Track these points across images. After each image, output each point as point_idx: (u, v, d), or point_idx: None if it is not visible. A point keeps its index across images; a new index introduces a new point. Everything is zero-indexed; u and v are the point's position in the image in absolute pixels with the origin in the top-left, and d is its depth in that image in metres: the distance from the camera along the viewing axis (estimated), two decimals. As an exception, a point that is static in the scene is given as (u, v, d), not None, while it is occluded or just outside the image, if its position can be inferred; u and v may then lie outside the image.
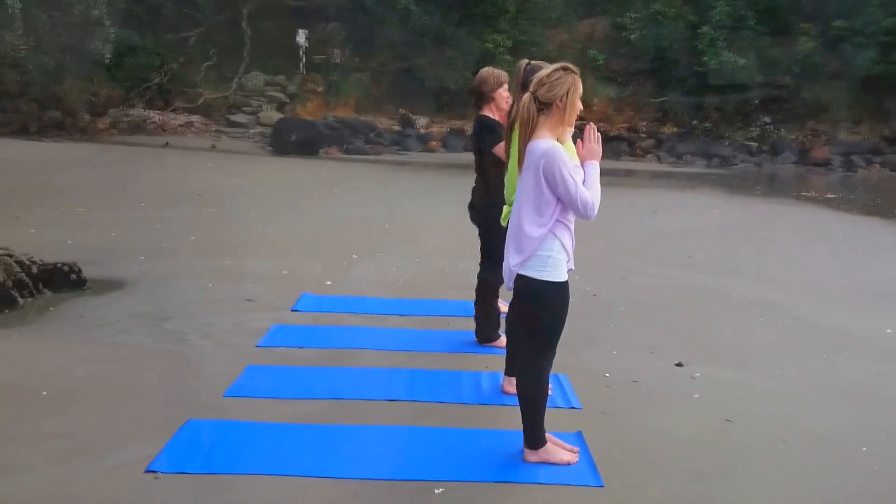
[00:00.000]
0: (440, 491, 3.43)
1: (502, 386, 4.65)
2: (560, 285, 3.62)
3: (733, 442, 4.10)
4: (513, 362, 4.49)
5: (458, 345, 5.54)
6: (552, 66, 3.72)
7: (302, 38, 27.70)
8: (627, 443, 4.04)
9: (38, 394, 4.31)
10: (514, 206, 3.77)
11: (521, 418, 3.76)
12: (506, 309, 6.41)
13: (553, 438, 3.84)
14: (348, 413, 4.24)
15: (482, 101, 5.35)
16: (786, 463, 3.88)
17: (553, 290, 3.60)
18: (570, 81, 3.65)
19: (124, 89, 25.22)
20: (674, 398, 4.69)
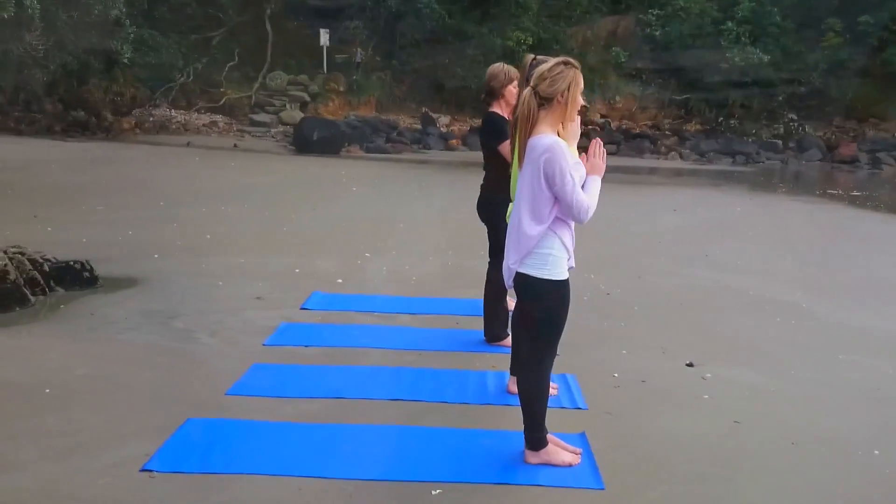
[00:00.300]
0: (437, 492, 3.38)
1: (508, 386, 4.59)
2: (560, 283, 3.55)
3: (740, 444, 4.01)
4: (517, 361, 4.43)
5: (466, 344, 5.49)
6: (553, 61, 3.65)
7: (324, 37, 27.77)
8: (632, 444, 3.97)
9: (40, 391, 4.31)
10: (514, 202, 3.70)
11: (523, 419, 3.70)
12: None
13: (555, 440, 3.77)
14: (350, 412, 4.20)
15: (492, 97, 5.30)
16: (793, 466, 3.79)
17: (553, 289, 3.54)
18: (571, 76, 3.58)
19: (148, 89, 25.44)
20: (682, 399, 4.61)
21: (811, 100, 26.94)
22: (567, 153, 3.50)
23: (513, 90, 5.16)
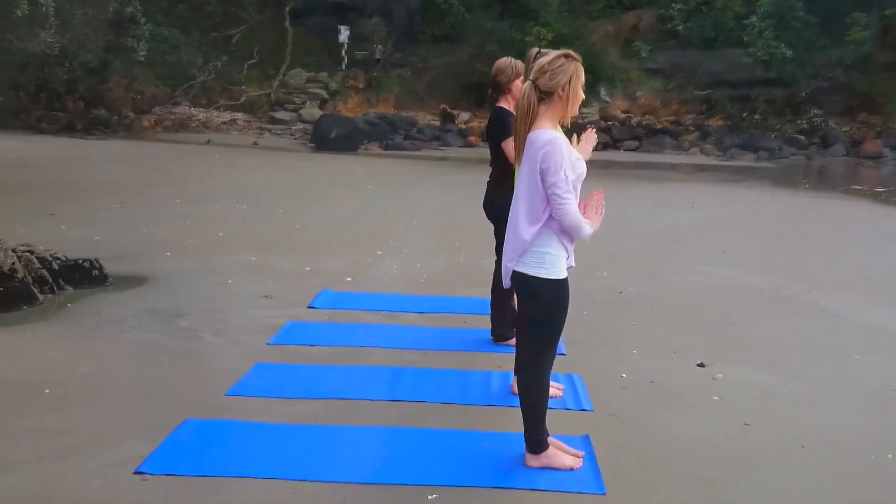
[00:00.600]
0: (433, 497, 3.31)
1: (511, 386, 4.50)
2: (558, 283, 3.46)
3: (749, 447, 3.90)
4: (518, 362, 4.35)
5: (472, 343, 5.42)
6: (553, 53, 3.56)
7: (344, 34, 27.77)
8: (637, 447, 3.87)
9: (40, 391, 4.28)
10: (512, 200, 3.62)
11: (523, 421, 3.62)
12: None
13: (556, 442, 3.69)
14: (350, 413, 4.14)
15: (499, 92, 5.22)
16: (803, 470, 3.68)
17: (551, 288, 3.44)
18: (573, 69, 3.49)
19: (169, 87, 25.55)
20: (691, 400, 4.50)
21: (835, 95, 26.54)
22: (567, 149, 3.41)
23: (520, 84, 5.05)
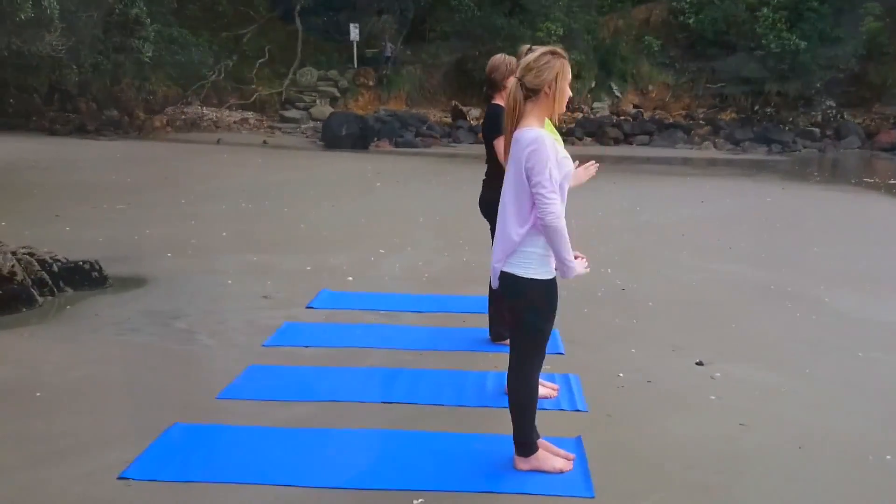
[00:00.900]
0: (419, 501, 3.26)
1: (506, 387, 4.45)
2: (546, 283, 3.40)
3: (745, 448, 3.83)
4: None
5: (470, 343, 5.37)
6: (540, 50, 3.50)
7: (354, 32, 27.76)
8: (630, 449, 3.81)
9: (31, 394, 4.27)
10: (501, 199, 3.56)
11: (512, 424, 3.56)
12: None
13: (547, 445, 3.64)
14: (342, 417, 4.10)
15: (494, 89, 5.15)
16: (799, 473, 3.61)
17: (539, 289, 3.39)
18: (559, 66, 3.43)
19: (180, 87, 25.63)
20: (688, 400, 4.44)
21: (850, 86, 26.32)
22: (553, 147, 3.35)
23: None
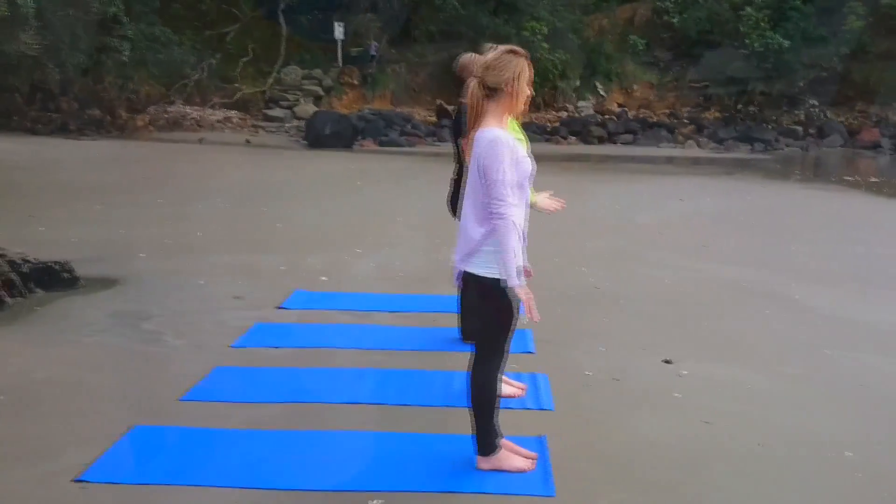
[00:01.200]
0: (375, 502, 3.25)
1: (472, 387, 4.44)
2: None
3: (707, 447, 3.84)
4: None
5: (441, 342, 5.36)
6: (499, 49, 3.50)
7: (339, 30, 27.70)
8: (593, 447, 3.82)
9: (-7, 397, 4.24)
10: (463, 199, 3.56)
11: (473, 423, 3.55)
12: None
13: (509, 444, 3.63)
14: (306, 418, 4.08)
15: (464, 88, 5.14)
16: (758, 470, 3.61)
17: (500, 288, 3.38)
18: (519, 65, 3.44)
19: (163, 86, 25.52)
20: (654, 398, 4.44)
21: (832, 85, 26.45)
22: (511, 147, 3.35)
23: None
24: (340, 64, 28.35)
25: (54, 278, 6.56)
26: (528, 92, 3.51)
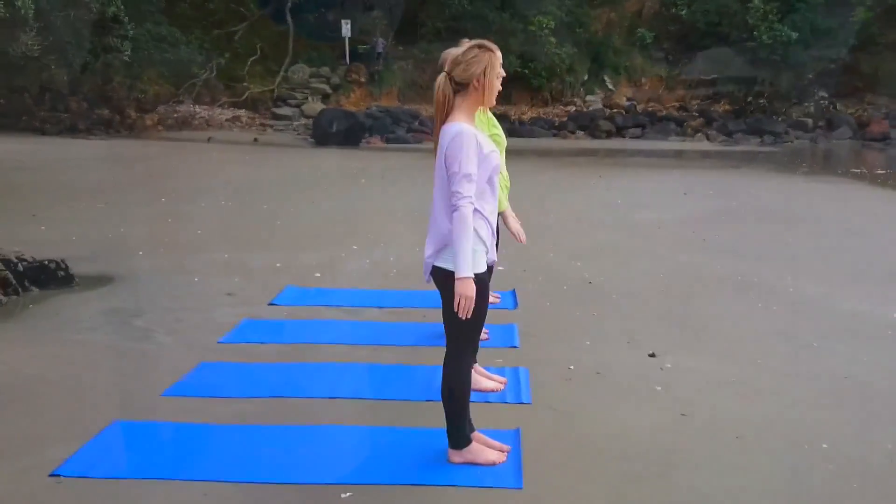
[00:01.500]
0: (347, 495, 3.28)
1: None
2: (476, 277, 3.41)
3: (682, 440, 3.85)
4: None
5: (427, 338, 5.38)
6: (467, 44, 3.52)
7: (346, 28, 27.72)
8: (568, 440, 3.83)
9: (-21, 394, 4.29)
10: (433, 193, 3.58)
11: (445, 417, 3.58)
12: (492, 299, 6.26)
13: (481, 437, 3.65)
14: (286, 413, 4.11)
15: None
16: (732, 463, 3.62)
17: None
18: (487, 59, 3.46)
19: (172, 86, 25.64)
20: (634, 392, 4.45)
21: (841, 77, 26.26)
22: (476, 141, 3.36)
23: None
24: (348, 61, 28.39)
25: (49, 276, 6.63)
26: (497, 87, 3.53)
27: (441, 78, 3.50)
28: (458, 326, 3.48)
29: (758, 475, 3.50)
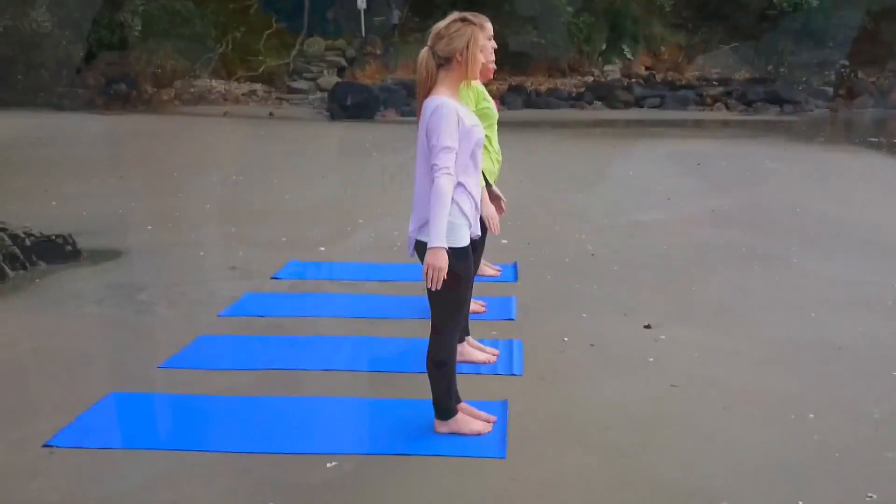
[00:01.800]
0: (332, 464, 3.33)
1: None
2: (459, 252, 3.44)
3: (668, 410, 3.87)
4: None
5: (425, 311, 5.31)
6: (449, 18, 3.53)
7: (361, 1, 27.55)
8: (554, 411, 3.86)
9: (-21, 366, 4.38)
10: (416, 168, 3.60)
11: (430, 388, 3.62)
12: (492, 272, 6.28)
13: (467, 408, 3.69)
14: (279, 385, 4.17)
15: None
16: (717, 432, 3.64)
17: (451, 256, 3.42)
18: (470, 33, 3.47)
19: (188, 60, 25.66)
20: (626, 363, 4.47)
21: (863, 44, 25.81)
22: (457, 115, 3.37)
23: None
24: (363, 34, 28.26)
25: (57, 251, 6.72)
26: (481, 59, 3.53)
27: (424, 52, 3.51)
28: (440, 301, 3.51)
29: (741, 445, 3.52)
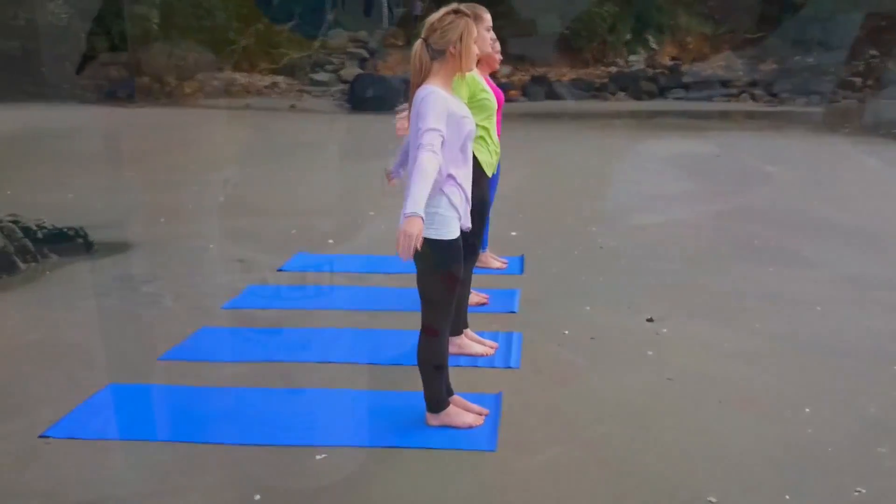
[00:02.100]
0: (321, 457, 3.35)
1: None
2: (448, 244, 3.43)
3: (663, 403, 3.84)
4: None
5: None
6: (443, 10, 3.51)
7: (386, -7, 27.58)
8: (548, 404, 3.85)
9: (-17, 358, 4.44)
10: (409, 159, 3.60)
11: (422, 383, 3.61)
12: (498, 265, 6.27)
13: (460, 401, 3.69)
14: (276, 377, 4.18)
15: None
16: (709, 426, 3.61)
17: (441, 249, 3.42)
18: (463, 26, 3.46)
19: (211, 53, 25.82)
20: (624, 356, 4.44)
21: (893, 33, 25.41)
22: (445, 103, 3.35)
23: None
24: (385, 25, 28.28)
25: (68, 243, 6.79)
26: (475, 51, 3.52)
27: (418, 44, 3.50)
28: (431, 294, 3.52)
29: (732, 439, 3.49)
